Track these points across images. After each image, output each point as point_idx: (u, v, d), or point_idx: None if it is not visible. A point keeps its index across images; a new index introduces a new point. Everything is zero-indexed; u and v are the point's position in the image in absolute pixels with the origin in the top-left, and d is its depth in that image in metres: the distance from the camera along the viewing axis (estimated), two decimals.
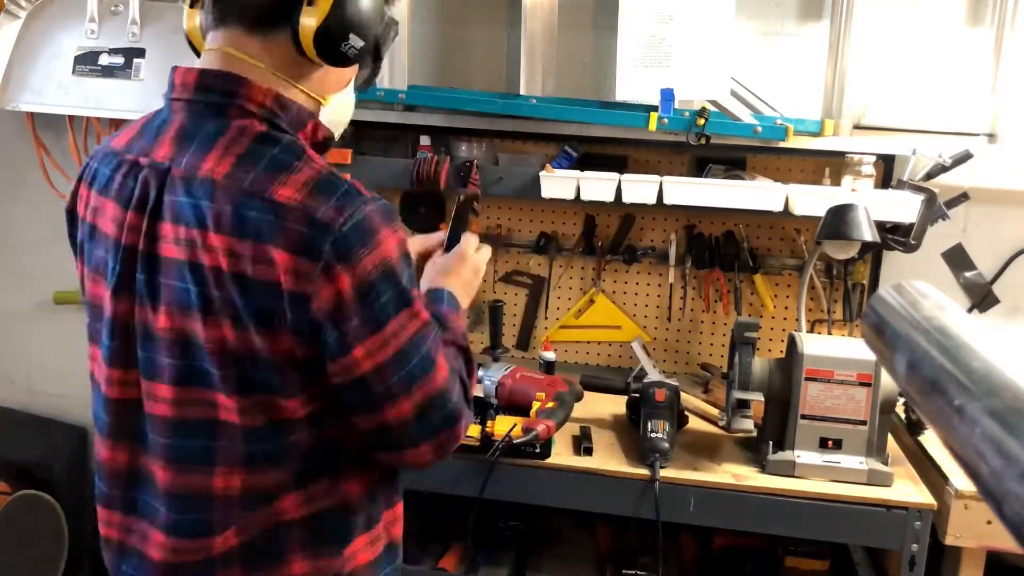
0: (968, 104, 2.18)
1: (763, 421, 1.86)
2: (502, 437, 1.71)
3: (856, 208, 1.84)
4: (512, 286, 2.49)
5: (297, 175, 0.93)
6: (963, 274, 2.27)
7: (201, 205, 0.93)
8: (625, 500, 1.77)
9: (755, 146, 2.18)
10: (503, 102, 2.21)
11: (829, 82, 2.19)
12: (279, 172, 0.93)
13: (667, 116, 2.08)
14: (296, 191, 0.91)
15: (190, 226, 0.93)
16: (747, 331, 1.81)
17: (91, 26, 2.32)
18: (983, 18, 2.17)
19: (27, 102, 2.35)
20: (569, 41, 2.30)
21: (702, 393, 2.23)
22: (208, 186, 0.93)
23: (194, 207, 0.93)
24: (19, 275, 2.72)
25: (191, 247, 0.93)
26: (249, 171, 0.93)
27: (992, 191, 2.18)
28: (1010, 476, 0.37)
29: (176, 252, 0.94)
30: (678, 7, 2.09)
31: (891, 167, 2.22)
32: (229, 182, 0.92)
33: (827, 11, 2.21)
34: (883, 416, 1.76)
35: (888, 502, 1.70)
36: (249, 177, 0.92)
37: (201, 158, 0.95)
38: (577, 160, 2.32)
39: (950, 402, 0.44)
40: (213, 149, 0.95)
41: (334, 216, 0.91)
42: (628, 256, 2.36)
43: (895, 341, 0.55)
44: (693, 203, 2.05)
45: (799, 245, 2.32)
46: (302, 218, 0.91)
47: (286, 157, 0.95)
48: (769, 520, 1.76)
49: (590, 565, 2.14)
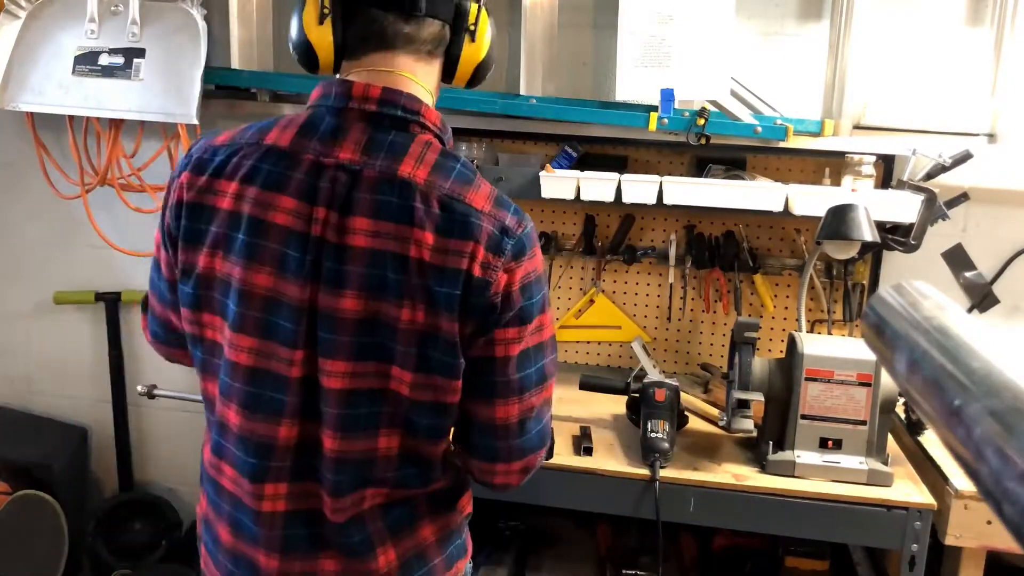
0: (968, 104, 2.18)
1: (763, 421, 1.86)
2: None
3: (856, 208, 1.84)
4: None
5: (481, 188, 1.10)
6: (963, 274, 2.27)
7: (406, 203, 1.05)
8: (625, 500, 1.77)
9: (755, 146, 2.18)
10: (503, 102, 2.21)
11: (829, 82, 2.19)
12: (468, 184, 1.09)
13: (667, 116, 2.08)
14: (485, 200, 1.09)
15: (393, 220, 1.05)
16: (747, 331, 1.81)
17: (91, 26, 2.32)
18: (983, 18, 2.17)
19: (27, 102, 2.35)
20: (569, 41, 2.30)
21: (702, 393, 2.23)
22: (411, 187, 1.05)
23: (399, 205, 1.05)
24: (19, 275, 2.72)
25: (394, 239, 1.04)
26: (445, 179, 1.07)
27: (992, 191, 2.18)
28: (1010, 476, 0.37)
29: (372, 243, 1.05)
30: (678, 7, 2.09)
31: (891, 167, 2.22)
32: (430, 185, 1.06)
33: (827, 11, 2.21)
34: (883, 416, 1.76)
35: (888, 502, 1.70)
36: (447, 184, 1.07)
37: (396, 162, 1.07)
38: (577, 160, 2.32)
39: (950, 402, 0.44)
40: (407, 155, 1.07)
41: (515, 224, 1.10)
42: (628, 256, 2.36)
43: (895, 341, 0.55)
44: (693, 203, 2.05)
45: (799, 245, 2.32)
46: (494, 222, 1.08)
47: (468, 172, 1.11)
48: (769, 520, 1.76)
49: (590, 565, 2.14)
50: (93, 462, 2.79)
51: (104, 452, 2.75)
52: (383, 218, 1.05)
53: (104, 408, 2.69)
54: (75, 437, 2.73)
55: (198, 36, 2.27)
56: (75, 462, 2.72)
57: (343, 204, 1.06)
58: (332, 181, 1.06)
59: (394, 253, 1.04)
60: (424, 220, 1.04)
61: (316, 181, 1.07)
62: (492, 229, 1.07)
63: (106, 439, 2.72)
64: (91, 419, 2.76)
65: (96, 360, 2.71)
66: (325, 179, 1.07)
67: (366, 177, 1.06)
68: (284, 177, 1.07)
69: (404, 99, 1.10)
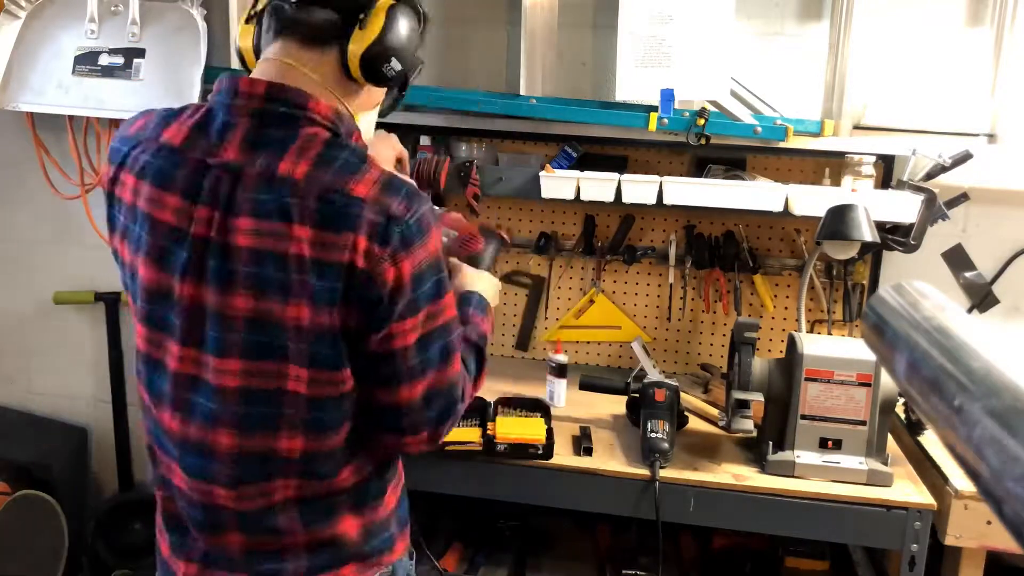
0: (968, 104, 2.18)
1: (763, 421, 1.86)
2: None
3: (856, 208, 1.84)
4: (512, 286, 2.49)
5: (368, 175, 1.07)
6: (963, 274, 2.27)
7: (284, 201, 1.04)
8: (625, 500, 1.77)
9: (755, 146, 2.18)
10: (503, 102, 2.21)
11: (829, 82, 2.19)
12: (352, 173, 1.06)
13: (667, 116, 2.08)
14: (370, 188, 1.05)
15: (272, 219, 1.04)
16: (747, 331, 1.81)
17: (91, 26, 2.32)
18: (983, 18, 2.17)
19: (27, 102, 2.35)
20: (569, 41, 2.30)
21: (702, 393, 2.23)
22: (289, 184, 1.05)
23: (277, 203, 1.04)
24: (19, 275, 2.72)
25: (274, 237, 1.04)
26: (326, 171, 1.05)
27: (992, 191, 2.18)
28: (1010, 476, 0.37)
29: (254, 242, 1.05)
30: (678, 7, 2.09)
31: (891, 167, 2.22)
32: (309, 181, 1.05)
33: (827, 11, 2.21)
34: (883, 416, 1.76)
35: (888, 502, 1.70)
36: (328, 177, 1.05)
37: (277, 160, 1.06)
38: (577, 160, 2.32)
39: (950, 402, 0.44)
40: (287, 152, 1.07)
41: (403, 210, 1.06)
42: (628, 256, 2.36)
43: (895, 341, 0.55)
44: (693, 203, 2.05)
45: (799, 245, 2.32)
46: (377, 210, 1.05)
47: (354, 160, 1.08)
48: (769, 520, 1.76)
49: (590, 565, 2.14)
50: (93, 462, 2.79)
51: (104, 452, 2.75)
52: (263, 217, 1.05)
53: (104, 408, 2.69)
54: (75, 437, 2.73)
55: (198, 36, 2.27)
56: (75, 462, 2.72)
57: (227, 204, 1.06)
58: (216, 180, 1.07)
59: (275, 251, 1.04)
60: (302, 216, 1.03)
61: (200, 180, 1.08)
62: (375, 218, 1.04)
63: (106, 439, 2.72)
64: (91, 419, 2.76)
65: (96, 360, 2.71)
66: (209, 179, 1.08)
67: (247, 176, 1.06)
68: (172, 175, 1.09)
69: (290, 94, 1.09)
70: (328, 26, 1.12)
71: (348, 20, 1.12)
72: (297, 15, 1.12)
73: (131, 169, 1.13)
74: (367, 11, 1.12)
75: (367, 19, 1.12)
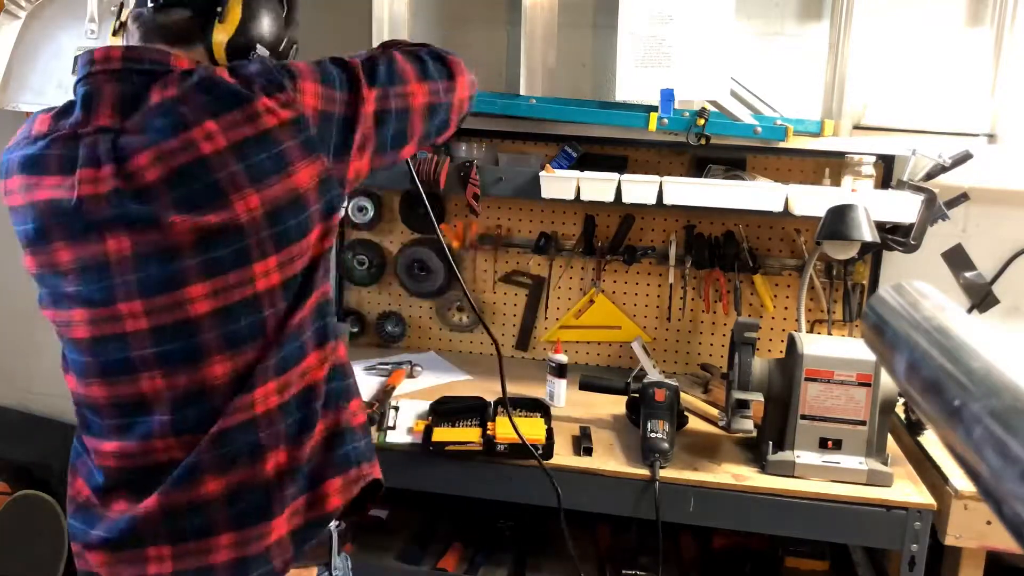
0: (968, 104, 2.18)
1: (763, 421, 1.86)
2: None
3: (856, 208, 1.84)
4: (512, 286, 2.49)
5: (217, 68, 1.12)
6: (963, 274, 2.27)
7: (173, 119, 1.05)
8: (625, 500, 1.77)
9: (755, 146, 2.18)
10: (503, 102, 2.21)
11: (829, 82, 2.19)
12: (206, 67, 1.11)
13: (667, 116, 2.08)
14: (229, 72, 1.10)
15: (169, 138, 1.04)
16: (747, 331, 1.81)
17: (91, 26, 2.32)
18: (983, 18, 2.17)
19: (27, 102, 2.35)
20: (569, 41, 2.30)
21: (702, 393, 2.23)
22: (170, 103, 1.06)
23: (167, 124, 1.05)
24: (19, 275, 2.72)
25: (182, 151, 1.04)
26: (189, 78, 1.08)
27: (992, 191, 2.18)
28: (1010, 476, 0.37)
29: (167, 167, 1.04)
30: (678, 7, 2.09)
31: (891, 167, 2.22)
32: (182, 93, 1.06)
33: (827, 11, 2.21)
34: (883, 416, 1.76)
35: (888, 502, 1.70)
36: (195, 79, 1.08)
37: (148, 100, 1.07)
38: (577, 160, 2.32)
39: (950, 402, 0.44)
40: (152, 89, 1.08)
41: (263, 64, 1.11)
42: (628, 256, 2.36)
43: (895, 341, 0.55)
44: (693, 203, 2.05)
45: (799, 245, 2.32)
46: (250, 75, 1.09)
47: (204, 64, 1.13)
48: (769, 520, 1.76)
49: (590, 565, 2.14)
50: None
51: None
52: (161, 141, 1.05)
53: None
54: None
55: None
56: None
57: (118, 158, 1.06)
58: (91, 145, 1.08)
59: (190, 162, 1.04)
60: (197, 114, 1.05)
61: (74, 154, 1.08)
62: (261, 80, 1.08)
63: None
64: None
65: None
66: (84, 147, 1.08)
67: (128, 128, 1.07)
68: (43, 158, 1.11)
69: (148, 52, 1.12)
70: (189, 24, 1.15)
71: (207, 16, 1.16)
72: (156, 18, 1.15)
73: (10, 173, 1.15)
74: (223, 4, 1.16)
75: (225, 12, 1.16)
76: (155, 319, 1.07)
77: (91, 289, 1.09)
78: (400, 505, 2.29)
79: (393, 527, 2.22)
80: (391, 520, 2.26)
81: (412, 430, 1.89)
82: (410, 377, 2.27)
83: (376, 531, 2.20)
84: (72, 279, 1.10)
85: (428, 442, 1.81)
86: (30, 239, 1.13)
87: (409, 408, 2.01)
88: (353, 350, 2.49)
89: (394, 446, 1.85)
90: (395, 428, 1.91)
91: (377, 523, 2.24)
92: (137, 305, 1.07)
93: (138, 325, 1.08)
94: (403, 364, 2.31)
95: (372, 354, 2.44)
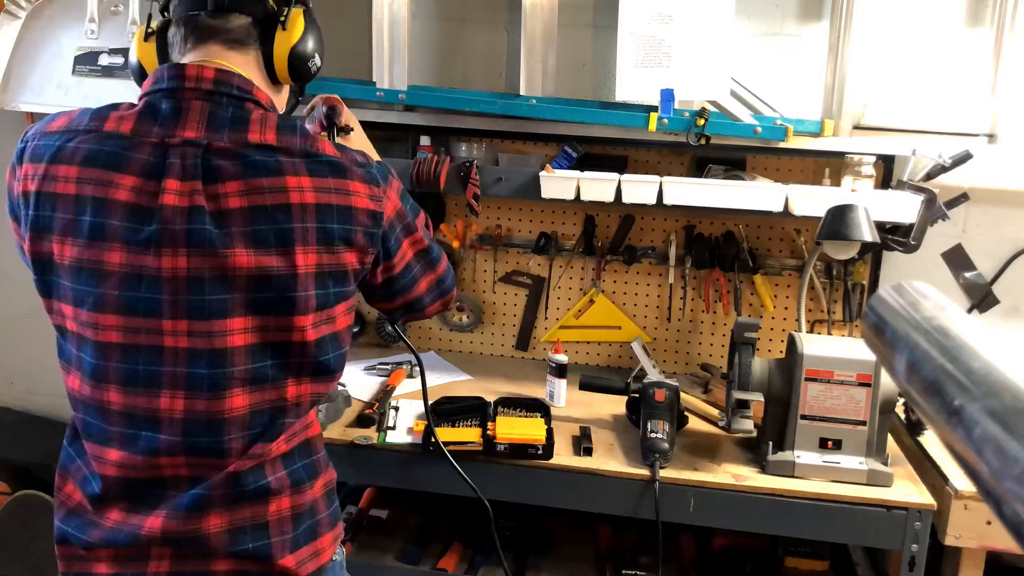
0: (968, 104, 2.18)
1: (763, 421, 1.86)
2: None
3: (856, 208, 1.84)
4: (512, 286, 2.49)
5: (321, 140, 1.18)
6: (963, 274, 2.27)
7: (272, 160, 1.11)
8: (625, 500, 1.77)
9: (755, 146, 2.18)
10: (503, 102, 2.21)
11: (829, 82, 2.19)
12: (311, 136, 1.17)
13: (667, 116, 2.08)
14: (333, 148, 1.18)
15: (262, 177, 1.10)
16: (747, 331, 1.81)
17: (91, 26, 2.32)
18: (983, 18, 2.17)
19: (27, 102, 2.35)
20: (569, 41, 2.30)
21: (702, 393, 2.23)
22: (269, 148, 1.12)
23: (264, 163, 1.11)
24: (19, 275, 2.72)
25: (270, 193, 1.10)
26: (293, 138, 1.15)
27: (992, 191, 2.18)
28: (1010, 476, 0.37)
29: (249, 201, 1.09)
30: (678, 7, 2.09)
31: (891, 167, 2.22)
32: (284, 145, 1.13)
33: (827, 11, 2.21)
34: (883, 416, 1.76)
35: (888, 502, 1.70)
36: (298, 140, 1.14)
37: (244, 133, 1.12)
38: (577, 160, 2.32)
39: (950, 402, 0.44)
40: (251, 124, 1.13)
41: (366, 159, 1.20)
42: (628, 256, 2.36)
43: (895, 341, 0.55)
44: (693, 203, 2.05)
45: (799, 245, 2.32)
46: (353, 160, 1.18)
47: (304, 128, 1.19)
48: (769, 520, 1.76)
49: (590, 565, 2.14)
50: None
51: None
52: (254, 176, 1.10)
53: None
54: None
55: None
56: None
57: (205, 175, 1.10)
58: (181, 157, 1.10)
59: (274, 205, 1.10)
60: (296, 170, 1.11)
61: (163, 160, 1.10)
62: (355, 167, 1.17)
63: None
64: None
65: None
66: (174, 157, 1.10)
67: (217, 149, 1.11)
68: (125, 158, 1.10)
69: (237, 79, 1.16)
70: (248, 30, 1.20)
71: (266, 24, 1.21)
72: (215, 23, 1.18)
73: (71, 161, 1.11)
74: (285, 15, 1.22)
75: (288, 20, 1.22)
76: (195, 341, 1.09)
77: (136, 297, 1.09)
78: (400, 505, 2.29)
79: (393, 527, 2.22)
80: (391, 520, 2.26)
81: (412, 430, 1.89)
82: (410, 377, 2.27)
83: (376, 531, 2.20)
84: (115, 282, 1.09)
85: (428, 442, 1.81)
86: (80, 232, 1.10)
87: (409, 408, 2.01)
88: (353, 350, 2.48)
89: (394, 446, 1.85)
90: (395, 428, 1.91)
91: (377, 523, 2.25)
92: (182, 324, 1.09)
93: (178, 343, 1.09)
94: (403, 364, 2.31)
95: (372, 354, 2.44)
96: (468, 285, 2.51)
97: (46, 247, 1.13)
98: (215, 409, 1.11)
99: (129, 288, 1.09)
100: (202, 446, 1.11)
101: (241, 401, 1.12)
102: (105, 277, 1.09)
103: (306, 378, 1.16)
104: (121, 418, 1.11)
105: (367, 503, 2.31)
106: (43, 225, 1.12)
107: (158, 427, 1.11)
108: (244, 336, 1.10)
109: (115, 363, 1.11)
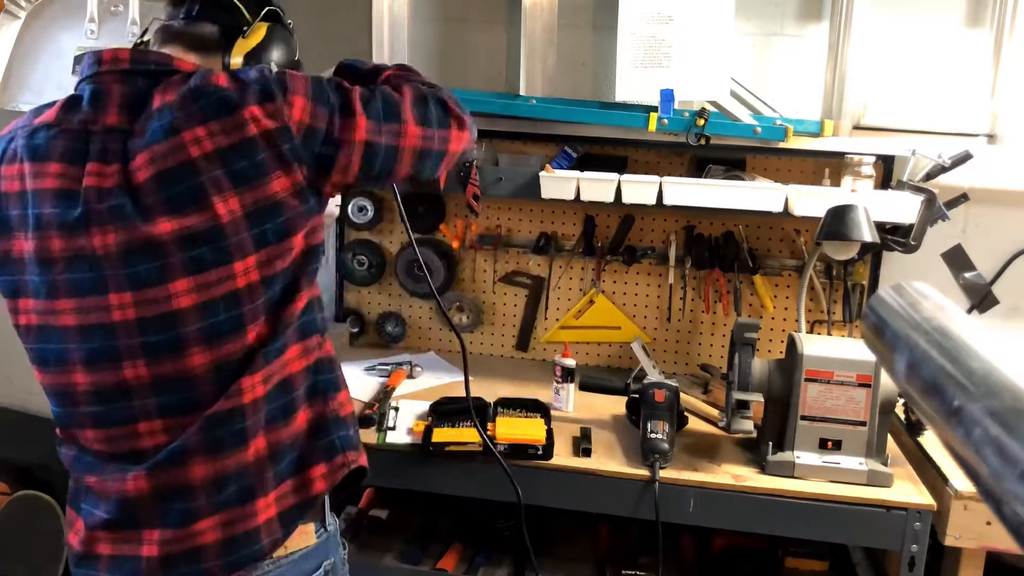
0: (968, 105, 2.18)
1: (763, 422, 1.86)
2: None
3: (856, 209, 1.84)
4: (512, 286, 2.49)
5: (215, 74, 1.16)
6: (963, 274, 2.27)
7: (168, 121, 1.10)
8: (625, 500, 1.77)
9: (755, 146, 2.18)
10: (503, 102, 2.21)
11: (829, 82, 2.19)
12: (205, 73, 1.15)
13: (667, 116, 2.08)
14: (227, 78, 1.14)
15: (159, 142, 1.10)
16: (747, 332, 1.81)
17: (91, 26, 2.32)
18: (983, 19, 2.17)
19: (27, 102, 2.35)
20: (569, 41, 2.30)
21: (702, 393, 2.23)
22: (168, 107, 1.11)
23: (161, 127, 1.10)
24: None
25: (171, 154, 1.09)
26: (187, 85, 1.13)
27: (992, 191, 2.18)
28: (1010, 476, 0.37)
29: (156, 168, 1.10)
30: (678, 7, 2.09)
31: (891, 168, 2.22)
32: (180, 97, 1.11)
33: (827, 12, 2.21)
34: (883, 417, 1.76)
35: (888, 503, 1.70)
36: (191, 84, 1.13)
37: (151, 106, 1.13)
38: (577, 160, 2.32)
39: (950, 403, 0.44)
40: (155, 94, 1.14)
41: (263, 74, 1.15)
42: (628, 256, 2.36)
43: (895, 342, 0.55)
44: (693, 203, 2.05)
45: (799, 245, 2.32)
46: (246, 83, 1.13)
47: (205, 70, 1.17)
48: (769, 520, 1.76)
49: (590, 565, 2.14)
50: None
51: None
52: (155, 143, 1.10)
53: None
54: None
55: None
56: None
57: (124, 157, 1.12)
58: (102, 143, 1.13)
59: (177, 165, 1.09)
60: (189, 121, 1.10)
61: (84, 146, 1.13)
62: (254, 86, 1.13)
63: None
64: None
65: None
66: (95, 143, 1.13)
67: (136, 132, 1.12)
68: (49, 147, 1.14)
69: (155, 56, 1.19)
70: (214, 37, 1.25)
71: (233, 33, 1.26)
72: (184, 28, 1.24)
73: (12, 160, 1.17)
74: (250, 25, 1.27)
75: (250, 31, 1.27)
76: (142, 311, 1.11)
77: (82, 279, 1.13)
78: (400, 505, 2.29)
79: (393, 527, 2.22)
80: (391, 520, 2.26)
81: (412, 430, 1.89)
82: (410, 377, 2.27)
83: (376, 531, 2.20)
84: (62, 267, 1.13)
85: (428, 442, 1.81)
86: (27, 224, 1.15)
87: (409, 409, 2.01)
88: (353, 350, 2.49)
89: (394, 446, 1.85)
90: (395, 429, 1.91)
91: (377, 523, 2.25)
92: (127, 297, 1.11)
93: (126, 315, 1.12)
94: (403, 364, 2.31)
95: (372, 354, 2.44)
96: (468, 285, 2.51)
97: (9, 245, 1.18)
98: (179, 369, 1.13)
99: (75, 271, 1.13)
100: (174, 405, 1.14)
101: (202, 359, 1.13)
102: (53, 263, 1.14)
103: (265, 317, 1.15)
104: (91, 396, 1.16)
105: (367, 503, 2.31)
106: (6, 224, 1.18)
107: (129, 397, 1.14)
108: (190, 297, 1.11)
109: (73, 344, 1.15)
